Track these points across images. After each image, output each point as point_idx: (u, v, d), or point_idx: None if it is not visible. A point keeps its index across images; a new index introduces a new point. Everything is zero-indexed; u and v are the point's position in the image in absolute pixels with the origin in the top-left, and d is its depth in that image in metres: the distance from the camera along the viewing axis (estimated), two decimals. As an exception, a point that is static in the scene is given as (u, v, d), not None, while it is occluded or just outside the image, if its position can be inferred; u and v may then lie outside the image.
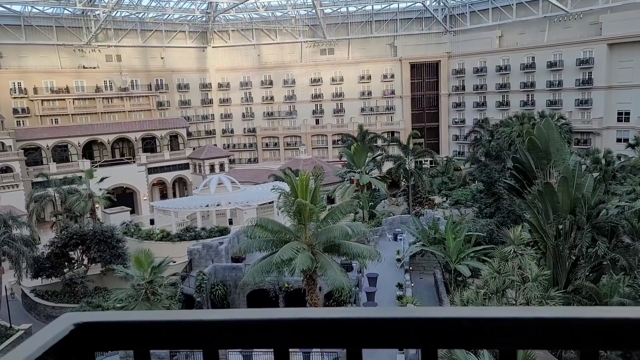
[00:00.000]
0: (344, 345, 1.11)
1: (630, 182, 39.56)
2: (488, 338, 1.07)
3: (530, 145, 32.72)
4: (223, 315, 1.13)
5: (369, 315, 1.09)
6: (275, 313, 1.12)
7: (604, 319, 1.04)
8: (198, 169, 71.45)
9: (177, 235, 45.99)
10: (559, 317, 1.06)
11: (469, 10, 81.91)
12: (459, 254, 33.38)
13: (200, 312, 1.16)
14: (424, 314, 1.08)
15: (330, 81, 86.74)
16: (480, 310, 1.09)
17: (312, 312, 1.11)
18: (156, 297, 27.27)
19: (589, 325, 1.04)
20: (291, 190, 26.19)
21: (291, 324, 1.11)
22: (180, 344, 1.15)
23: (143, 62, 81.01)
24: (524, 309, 1.09)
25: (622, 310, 1.06)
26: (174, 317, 1.15)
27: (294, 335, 1.11)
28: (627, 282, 24.34)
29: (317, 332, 1.10)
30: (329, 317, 1.09)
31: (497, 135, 58.29)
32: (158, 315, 1.16)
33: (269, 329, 1.11)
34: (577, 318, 1.05)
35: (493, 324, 1.07)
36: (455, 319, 1.08)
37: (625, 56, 63.93)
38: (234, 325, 1.12)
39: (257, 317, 1.11)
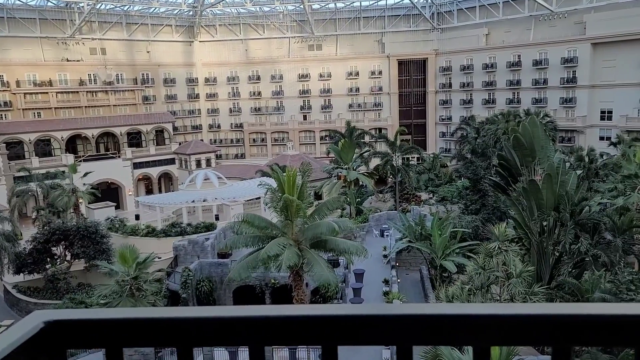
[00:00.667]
0: (319, 342, 1.10)
1: (612, 180, 40.10)
2: (463, 335, 1.08)
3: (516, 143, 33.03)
4: (196, 313, 1.12)
5: (343, 313, 1.09)
6: (248, 311, 1.11)
7: (578, 316, 1.05)
8: (184, 164, 70.99)
9: (163, 231, 45.69)
10: (533, 313, 1.06)
11: (457, 7, 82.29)
12: (444, 250, 33.61)
13: (173, 310, 1.14)
14: (398, 311, 1.08)
15: (318, 77, 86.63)
16: (455, 307, 1.09)
17: (287, 309, 1.10)
18: (141, 293, 27.05)
19: (563, 322, 1.05)
20: (278, 186, 26.13)
21: (265, 322, 1.10)
22: (153, 342, 1.13)
23: (128, 55, 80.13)
24: (499, 305, 1.09)
25: (595, 307, 1.07)
26: (146, 315, 1.13)
27: (268, 333, 1.10)
28: (608, 278, 24.71)
29: (292, 329, 1.09)
30: (303, 315, 1.09)
31: (483, 132, 58.74)
32: (130, 313, 1.14)
33: (242, 327, 1.11)
34: (551, 315, 1.06)
35: (468, 320, 1.07)
36: (430, 316, 1.08)
37: (609, 55, 64.73)
38: (208, 323, 1.11)
39: (230, 315, 1.11)
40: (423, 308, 1.10)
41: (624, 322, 1.04)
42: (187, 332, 1.12)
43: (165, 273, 36.78)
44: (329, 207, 27.65)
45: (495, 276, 21.65)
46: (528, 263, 24.78)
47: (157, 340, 1.13)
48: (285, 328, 1.10)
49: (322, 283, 28.92)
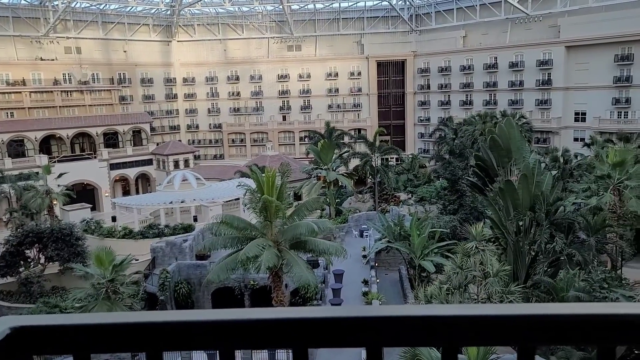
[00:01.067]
0: (289, 345, 1.11)
1: (586, 180, 40.92)
2: (430, 335, 1.09)
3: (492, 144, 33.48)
4: (166, 317, 1.11)
5: (312, 315, 1.09)
6: (217, 314, 1.11)
7: (542, 315, 1.07)
8: (162, 165, 70.17)
9: (140, 233, 45.10)
10: (499, 314, 1.08)
11: (434, 10, 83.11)
12: (423, 250, 33.87)
13: (141, 314, 1.13)
14: (367, 313, 1.09)
15: (297, 78, 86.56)
16: (421, 309, 1.10)
17: (255, 312, 1.10)
18: (117, 296, 26.67)
19: (527, 322, 1.07)
20: (257, 187, 26.01)
21: (234, 325, 1.10)
22: (121, 347, 1.12)
23: (104, 55, 78.91)
24: (466, 306, 1.10)
25: (558, 307, 1.09)
26: (113, 320, 1.12)
27: (238, 337, 1.10)
28: (582, 277, 25.19)
29: (261, 333, 1.09)
30: (272, 318, 1.09)
31: (461, 133, 59.41)
32: (97, 318, 1.13)
33: (210, 331, 1.10)
34: (516, 315, 1.08)
35: (435, 321, 1.08)
36: (398, 317, 1.08)
37: (582, 58, 66.09)
38: (178, 327, 1.10)
39: (198, 319, 1.10)
40: (392, 310, 1.10)
41: (585, 321, 1.07)
42: (156, 337, 1.11)
43: (142, 275, 36.35)
44: (309, 207, 27.65)
45: (473, 275, 21.90)
46: (505, 262, 25.12)
47: (125, 345, 1.11)
48: (255, 332, 1.09)
49: (301, 284, 28.85)
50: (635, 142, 50.87)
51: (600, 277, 25.87)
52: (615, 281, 27.88)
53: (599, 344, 1.11)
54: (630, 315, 1.07)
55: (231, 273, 26.03)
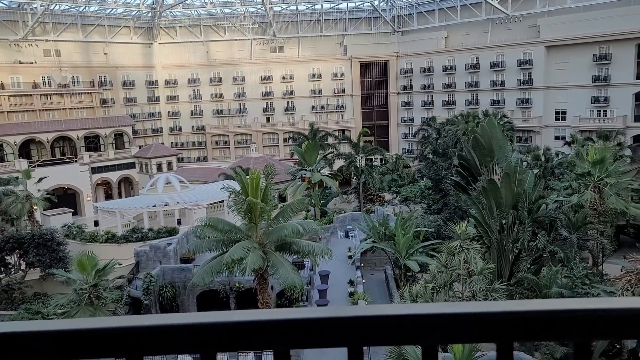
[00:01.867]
0: (269, 347, 1.11)
1: (567, 178, 41.54)
2: (409, 334, 1.10)
3: (475, 143, 33.76)
4: (144, 322, 1.10)
5: (292, 317, 1.10)
6: (197, 317, 1.10)
7: (519, 312, 1.09)
8: (145, 168, 69.49)
9: (123, 237, 44.59)
10: (475, 312, 1.09)
11: (416, 11, 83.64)
12: (408, 249, 34.02)
13: (118, 319, 1.12)
14: (346, 313, 1.09)
15: (280, 79, 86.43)
16: (401, 307, 1.11)
17: (235, 315, 1.10)
18: (100, 301, 26.35)
19: (503, 319, 1.09)
20: (242, 189, 25.89)
21: (214, 329, 1.09)
22: (90, 353, 1.09)
23: (85, 57, 77.93)
24: (444, 305, 1.12)
25: (534, 304, 1.11)
26: (81, 326, 1.10)
27: (218, 340, 1.09)
28: (564, 273, 25.53)
29: (241, 335, 1.09)
30: (252, 320, 1.09)
31: (444, 133, 59.83)
32: (68, 324, 1.10)
33: (191, 335, 1.09)
34: (492, 312, 1.09)
35: (414, 320, 1.09)
36: (378, 317, 1.09)
37: (561, 58, 67.06)
38: (156, 332, 1.09)
39: (179, 323, 1.09)
40: (369, 309, 1.10)
41: (559, 317, 1.09)
42: (134, 342, 1.09)
43: (126, 280, 35.96)
44: (293, 209, 27.58)
45: (458, 274, 22.06)
46: (489, 260, 25.35)
47: (99, 352, 1.09)
48: (234, 334, 1.08)
49: (287, 285, 28.76)
50: (614, 140, 51.81)
51: (582, 273, 26.26)
52: (596, 277, 28.32)
53: (573, 339, 1.13)
54: (602, 310, 1.09)
55: (216, 276, 25.88)
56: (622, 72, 61.99)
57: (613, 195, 35.86)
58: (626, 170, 40.42)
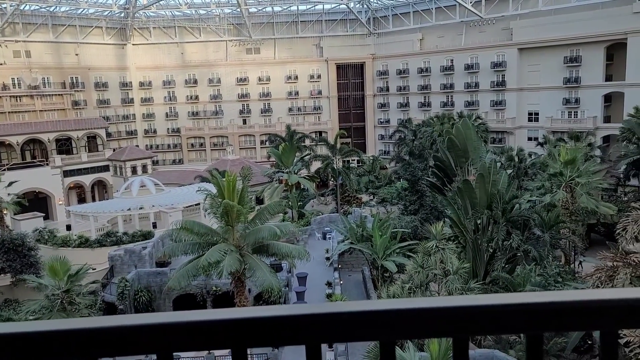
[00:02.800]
0: (226, 346, 1.11)
1: (540, 178, 42.31)
2: (366, 330, 1.11)
3: (450, 144, 34.14)
4: (98, 323, 1.09)
5: (248, 315, 1.10)
6: (153, 318, 1.10)
7: (474, 307, 1.11)
8: (119, 171, 68.38)
9: (97, 241, 43.79)
10: (432, 306, 1.11)
11: (392, 13, 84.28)
12: (385, 250, 34.18)
13: (71, 321, 1.11)
14: (304, 311, 1.10)
15: (257, 81, 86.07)
16: (358, 305, 1.12)
17: (191, 315, 1.10)
18: (74, 307, 25.82)
19: (459, 313, 1.11)
20: (218, 192, 25.66)
21: (171, 329, 1.09)
22: (50, 356, 1.08)
23: (56, 58, 76.32)
24: (399, 301, 1.13)
25: (489, 298, 1.13)
26: (41, 328, 1.08)
27: (175, 340, 1.09)
28: (538, 272, 25.98)
29: (199, 334, 1.09)
30: (209, 320, 1.09)
31: (420, 134, 60.37)
32: (22, 327, 1.08)
33: (147, 335, 1.09)
34: (448, 307, 1.11)
35: (371, 316, 1.10)
36: (335, 314, 1.10)
37: (534, 60, 68.38)
38: (112, 333, 1.08)
39: (134, 323, 1.09)
40: (329, 307, 1.11)
41: (512, 310, 1.11)
42: (89, 344, 1.08)
43: (100, 285, 35.29)
44: (271, 211, 27.46)
45: (434, 274, 22.25)
46: (464, 260, 25.64)
47: (52, 355, 1.07)
48: (191, 333, 1.09)
49: (264, 288, 28.59)
50: (585, 141, 53.01)
51: (555, 271, 26.76)
52: (568, 275, 28.91)
53: (525, 331, 1.15)
54: (554, 302, 1.12)
55: (193, 279, 25.59)
56: (592, 74, 63.53)
57: (584, 194, 36.68)
58: (596, 170, 41.42)
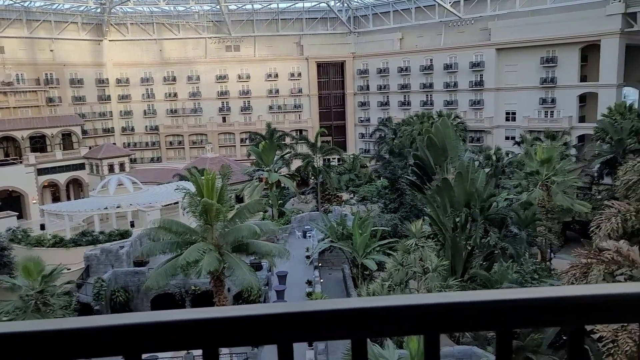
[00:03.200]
0: (198, 346, 1.10)
1: (517, 177, 42.95)
2: (338, 329, 1.12)
3: (429, 143, 34.37)
4: (58, 325, 1.07)
5: (217, 315, 1.10)
6: (120, 319, 1.09)
7: (443, 304, 1.12)
8: (95, 169, 67.25)
9: (72, 241, 43.01)
10: (403, 304, 1.12)
11: (372, 12, 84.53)
12: (365, 248, 34.29)
13: (28, 324, 1.09)
14: (273, 310, 1.11)
15: (236, 78, 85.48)
16: (328, 303, 1.13)
17: (161, 315, 1.10)
18: (48, 308, 25.31)
19: (429, 310, 1.12)
20: (197, 190, 25.37)
21: (139, 329, 1.08)
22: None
23: (30, 54, 74.66)
24: (370, 299, 1.13)
25: (458, 295, 1.14)
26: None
27: (143, 341, 1.08)
28: (515, 269, 26.33)
29: (169, 334, 1.08)
30: (179, 320, 1.08)
31: (400, 133, 60.74)
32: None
33: (114, 336, 1.07)
34: (419, 304, 1.12)
35: (343, 315, 1.11)
36: (307, 313, 1.11)
37: (511, 60, 69.31)
38: (76, 335, 1.06)
39: (98, 325, 1.07)
40: (296, 306, 1.11)
41: (484, 307, 1.13)
42: (49, 346, 1.05)
43: (75, 285, 34.65)
44: (250, 209, 27.25)
45: (413, 272, 22.37)
46: (443, 258, 25.83)
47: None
48: (161, 334, 1.08)
49: (244, 287, 28.42)
50: (561, 140, 53.98)
51: (532, 268, 27.16)
52: (545, 272, 29.36)
53: (495, 328, 1.16)
54: (520, 300, 1.13)
55: (171, 279, 25.29)
56: (568, 74, 64.68)
57: (560, 193, 37.33)
58: (572, 169, 42.20)
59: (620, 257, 19.96)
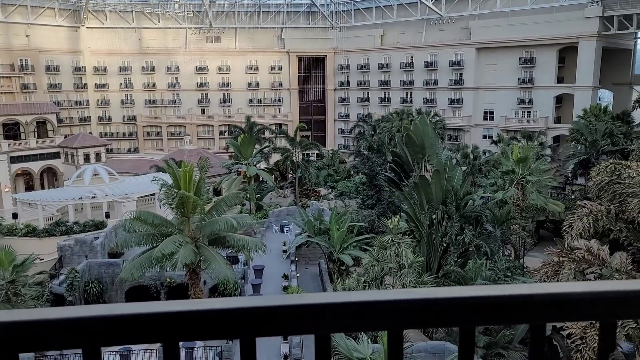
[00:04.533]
0: (156, 339, 1.10)
1: (493, 175, 43.56)
2: (300, 324, 1.12)
3: (408, 140, 34.62)
4: (14, 317, 1.06)
5: (179, 309, 1.10)
6: (75, 311, 1.08)
7: (408, 300, 1.13)
8: (70, 158, 66.03)
9: (45, 230, 42.23)
10: (367, 300, 1.12)
11: (354, 7, 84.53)
12: (342, 244, 34.42)
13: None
14: (235, 304, 1.10)
15: (216, 70, 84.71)
16: (294, 298, 1.13)
17: (120, 308, 1.09)
18: (19, 298, 24.87)
19: (393, 307, 1.13)
20: (174, 182, 25.15)
21: (97, 322, 1.07)
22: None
23: (4, 39, 72.75)
24: (333, 294, 1.14)
25: (424, 292, 1.15)
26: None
27: (103, 333, 1.07)
28: (489, 266, 26.75)
29: (127, 328, 1.08)
30: (139, 313, 1.08)
31: (379, 130, 61.00)
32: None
33: (71, 329, 1.06)
34: (382, 300, 1.13)
35: (305, 310, 1.12)
36: (268, 308, 1.11)
37: (491, 60, 70.14)
38: (31, 327, 1.05)
39: (55, 317, 1.06)
40: (262, 300, 1.12)
41: (447, 304, 1.14)
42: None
43: (48, 275, 34.07)
44: (228, 203, 27.12)
45: (389, 267, 22.57)
46: (419, 254, 26.11)
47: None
48: (119, 327, 1.07)
49: (220, 280, 28.40)
50: (537, 140, 54.88)
51: (505, 265, 27.65)
52: (518, 269, 29.93)
53: (460, 325, 1.17)
54: (483, 297, 1.14)
55: (146, 271, 25.05)
56: (545, 75, 65.75)
57: (534, 192, 38.01)
58: (546, 169, 42.97)
59: (590, 256, 20.46)
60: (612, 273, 19.09)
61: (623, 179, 23.35)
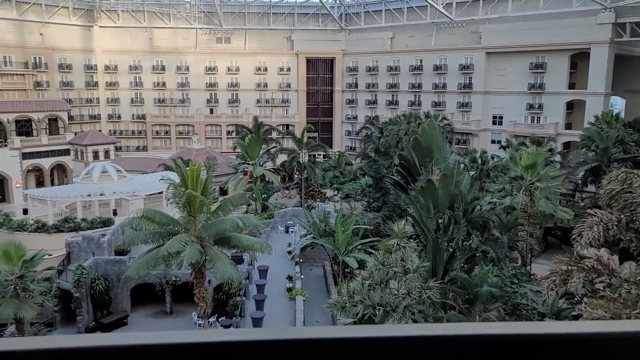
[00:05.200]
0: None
1: (501, 181, 43.34)
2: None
3: (415, 144, 34.52)
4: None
5: (151, 342, 1.07)
6: (63, 340, 1.07)
7: (398, 337, 1.09)
8: (80, 155, 66.57)
9: (54, 226, 42.58)
10: (353, 336, 1.10)
11: (364, 10, 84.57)
12: (347, 246, 34.39)
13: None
14: (217, 338, 1.08)
15: (225, 70, 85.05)
16: (275, 332, 1.11)
17: (104, 339, 1.07)
18: (27, 294, 25.09)
19: (374, 343, 1.09)
20: (181, 181, 25.30)
21: (82, 353, 1.05)
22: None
23: (18, 37, 73.50)
24: (315, 329, 1.11)
25: (415, 328, 1.11)
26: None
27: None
28: (495, 272, 26.64)
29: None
30: (123, 345, 1.06)
31: (386, 132, 60.91)
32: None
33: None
34: (366, 337, 1.10)
35: (288, 345, 1.09)
36: (253, 342, 1.09)
37: (500, 64, 69.87)
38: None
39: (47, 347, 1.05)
40: (243, 334, 1.10)
41: (436, 342, 1.10)
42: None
43: (56, 271, 34.37)
44: (234, 203, 27.23)
45: (394, 271, 22.54)
46: (424, 259, 26.02)
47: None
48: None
49: (225, 280, 28.49)
50: (546, 146, 54.58)
51: (511, 272, 27.53)
52: (524, 277, 29.78)
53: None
54: (476, 335, 1.11)
55: (152, 269, 25.17)
56: (556, 81, 65.37)
57: (543, 198, 37.78)
58: (556, 175, 42.70)
59: (600, 266, 20.29)
60: (621, 283, 18.93)
61: (634, 189, 23.15)
